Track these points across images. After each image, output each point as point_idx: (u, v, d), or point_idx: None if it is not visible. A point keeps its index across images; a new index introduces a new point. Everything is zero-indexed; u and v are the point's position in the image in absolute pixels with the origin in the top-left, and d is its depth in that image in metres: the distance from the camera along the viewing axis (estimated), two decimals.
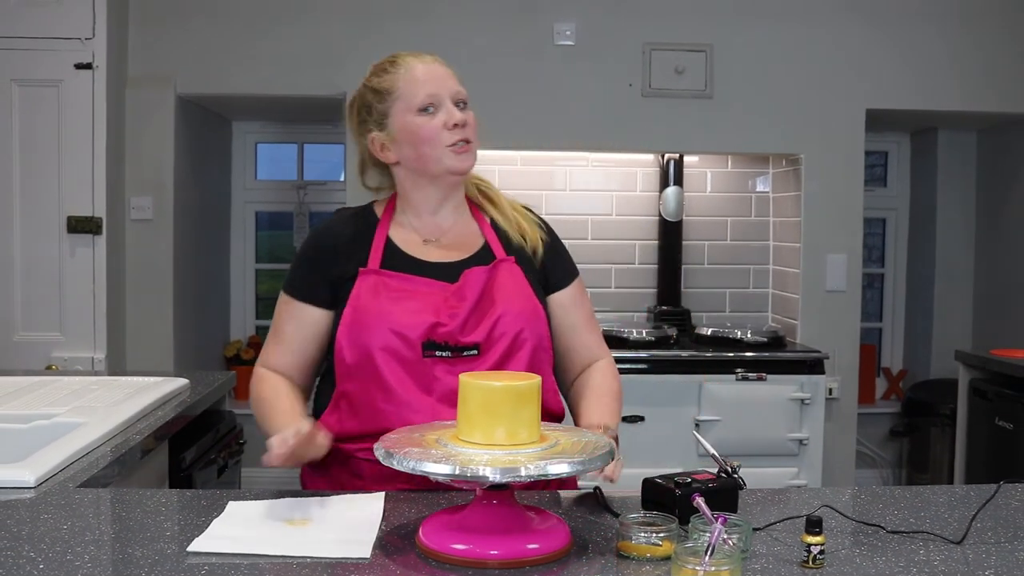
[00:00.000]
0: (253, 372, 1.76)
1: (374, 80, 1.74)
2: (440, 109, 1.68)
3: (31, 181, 3.81)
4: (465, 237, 1.75)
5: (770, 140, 4.20)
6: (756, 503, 1.50)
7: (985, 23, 4.18)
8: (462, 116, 1.68)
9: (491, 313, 1.65)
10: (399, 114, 1.69)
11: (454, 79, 1.72)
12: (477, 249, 1.74)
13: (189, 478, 2.30)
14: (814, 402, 3.87)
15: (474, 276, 1.67)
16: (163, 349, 4.06)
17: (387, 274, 1.68)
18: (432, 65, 1.72)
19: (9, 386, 2.27)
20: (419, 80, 1.69)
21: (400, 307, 1.63)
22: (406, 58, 1.73)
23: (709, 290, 4.50)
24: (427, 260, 1.71)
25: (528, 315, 1.67)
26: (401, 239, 1.73)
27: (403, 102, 1.69)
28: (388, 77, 1.72)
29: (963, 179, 4.78)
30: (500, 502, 1.27)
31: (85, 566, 1.19)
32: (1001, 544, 1.31)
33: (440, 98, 1.68)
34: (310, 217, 4.93)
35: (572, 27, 4.09)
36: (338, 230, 1.76)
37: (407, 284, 1.67)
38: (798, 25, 4.15)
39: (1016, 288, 4.46)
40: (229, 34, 4.04)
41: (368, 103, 1.74)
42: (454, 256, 1.72)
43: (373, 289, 1.66)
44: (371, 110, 1.73)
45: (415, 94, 1.68)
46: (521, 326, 1.66)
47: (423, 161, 1.69)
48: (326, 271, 1.71)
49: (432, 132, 1.67)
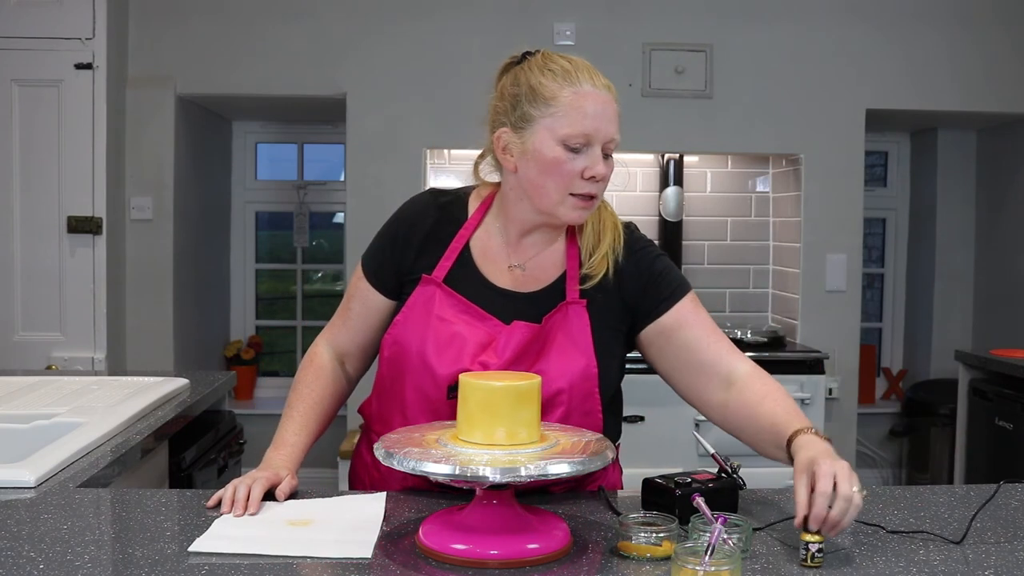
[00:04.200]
0: (313, 344, 1.72)
1: (537, 75, 1.52)
2: (586, 151, 1.49)
3: (31, 181, 3.81)
4: (546, 267, 1.60)
5: (770, 140, 4.20)
6: (756, 503, 1.50)
7: (985, 23, 4.18)
8: (604, 171, 1.50)
9: (530, 368, 1.52)
10: (543, 131, 1.49)
11: (616, 122, 1.52)
12: (551, 281, 1.59)
13: (189, 478, 2.30)
14: (814, 402, 3.87)
15: (520, 332, 1.53)
16: (163, 349, 4.06)
17: (446, 291, 1.57)
18: (605, 100, 1.51)
19: (9, 386, 2.27)
20: (584, 111, 1.48)
21: (443, 337, 1.54)
22: (582, 72, 1.52)
23: (709, 290, 4.50)
24: (496, 285, 1.59)
25: (575, 374, 1.53)
26: (480, 251, 1.61)
27: (554, 121, 1.48)
28: (553, 84, 1.50)
29: (963, 179, 4.78)
30: (500, 502, 1.27)
31: (85, 566, 1.19)
32: (1001, 544, 1.31)
33: (593, 140, 1.49)
34: (310, 217, 4.93)
35: (572, 27, 4.09)
36: (420, 219, 1.63)
37: (463, 311, 1.56)
38: (798, 25, 4.15)
39: (1016, 288, 4.45)
40: (229, 34, 4.05)
41: (517, 96, 1.52)
42: (526, 287, 1.59)
43: (428, 304, 1.57)
44: (517, 105, 1.52)
45: (572, 123, 1.48)
46: (560, 386, 1.52)
47: (539, 193, 1.52)
48: (397, 260, 1.62)
49: (567, 175, 1.49)
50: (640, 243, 1.64)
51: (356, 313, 1.67)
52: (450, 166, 4.33)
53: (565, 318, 1.56)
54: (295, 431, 1.61)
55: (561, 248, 1.62)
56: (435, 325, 1.55)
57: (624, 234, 1.62)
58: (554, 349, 1.55)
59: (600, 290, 1.58)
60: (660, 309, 1.59)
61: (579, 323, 1.56)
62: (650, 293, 1.59)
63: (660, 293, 1.59)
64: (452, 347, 1.54)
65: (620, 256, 1.59)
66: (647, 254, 1.63)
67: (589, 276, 1.57)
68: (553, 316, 1.56)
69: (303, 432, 1.61)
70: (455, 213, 1.64)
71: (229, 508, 1.40)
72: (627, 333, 1.63)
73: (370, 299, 1.66)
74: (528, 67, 1.54)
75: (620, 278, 1.59)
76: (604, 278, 1.58)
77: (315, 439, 1.64)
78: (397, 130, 4.04)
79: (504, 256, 1.61)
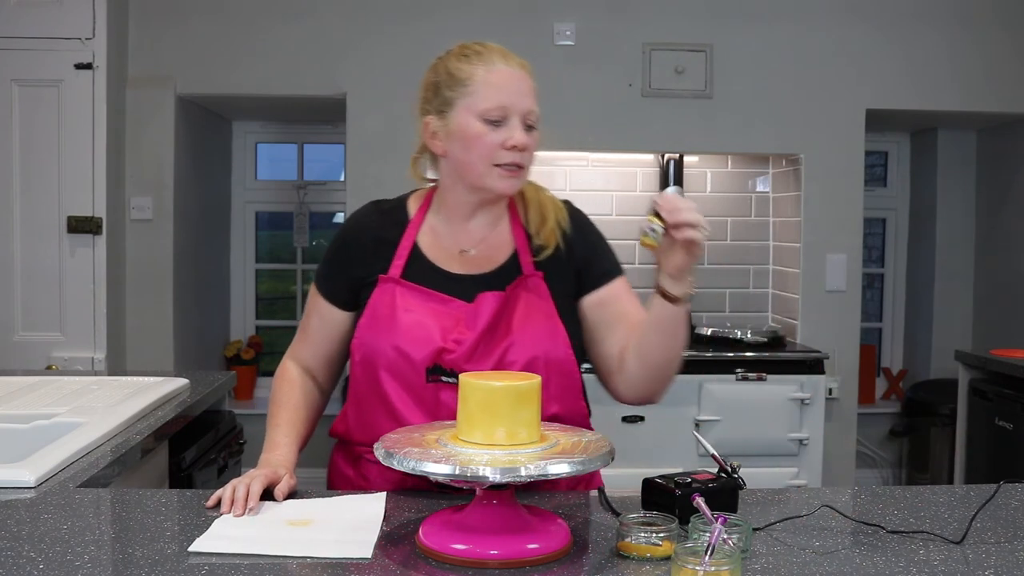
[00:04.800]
0: (281, 362, 1.75)
1: (452, 63, 1.61)
2: (506, 124, 1.57)
3: (31, 181, 3.81)
4: (496, 247, 1.67)
5: (770, 140, 4.20)
6: (756, 503, 1.50)
7: (985, 23, 4.18)
8: (524, 139, 1.57)
9: (502, 341, 1.58)
10: (463, 111, 1.58)
11: (532, 96, 1.60)
12: (504, 260, 1.65)
13: (189, 478, 2.30)
14: (814, 402, 3.87)
15: (487, 302, 1.59)
16: (163, 349, 4.06)
17: (406, 284, 1.62)
18: (519, 76, 1.59)
19: (9, 386, 2.27)
20: (496, 85, 1.57)
21: (411, 325, 1.58)
22: (493, 54, 1.60)
23: (709, 290, 4.50)
24: (451, 271, 1.64)
25: (544, 340, 1.59)
26: (428, 244, 1.66)
27: (471, 100, 1.57)
28: (467, 66, 1.59)
29: (963, 179, 4.78)
30: (500, 502, 1.27)
31: (85, 566, 1.19)
32: (1001, 544, 1.31)
33: (510, 112, 1.57)
34: (310, 217, 4.93)
35: (572, 27, 4.09)
36: (365, 227, 1.69)
37: (425, 299, 1.61)
38: (798, 25, 4.15)
39: (1016, 288, 4.46)
40: (229, 34, 4.05)
41: (437, 83, 1.62)
42: (481, 268, 1.64)
43: (390, 300, 1.61)
44: (438, 92, 1.61)
45: (487, 98, 1.56)
46: (534, 353, 1.58)
47: (468, 169, 1.60)
48: (348, 271, 1.67)
49: (488, 146, 1.57)
50: (582, 216, 1.73)
51: (315, 328, 1.72)
52: None
53: (526, 290, 1.62)
54: (285, 433, 1.63)
55: (507, 228, 1.68)
56: (401, 317, 1.60)
57: (566, 208, 1.71)
58: (522, 319, 1.60)
59: (552, 260, 1.65)
60: (603, 280, 1.67)
61: (540, 293, 1.63)
62: (595, 263, 1.68)
63: (603, 265, 1.69)
64: (422, 332, 1.58)
65: (567, 227, 1.68)
66: (591, 227, 1.73)
67: (542, 248, 1.65)
68: (515, 288, 1.62)
69: (292, 434, 1.64)
70: (398, 216, 1.70)
71: (229, 508, 1.40)
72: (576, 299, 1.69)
73: (326, 314, 1.70)
74: (445, 57, 1.64)
75: (569, 247, 1.67)
76: (556, 249, 1.65)
77: (303, 443, 1.66)
78: (397, 130, 4.03)
79: (453, 244, 1.67)
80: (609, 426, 3.77)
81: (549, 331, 1.60)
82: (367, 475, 1.65)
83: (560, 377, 1.61)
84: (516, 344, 1.58)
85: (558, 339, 1.60)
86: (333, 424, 1.71)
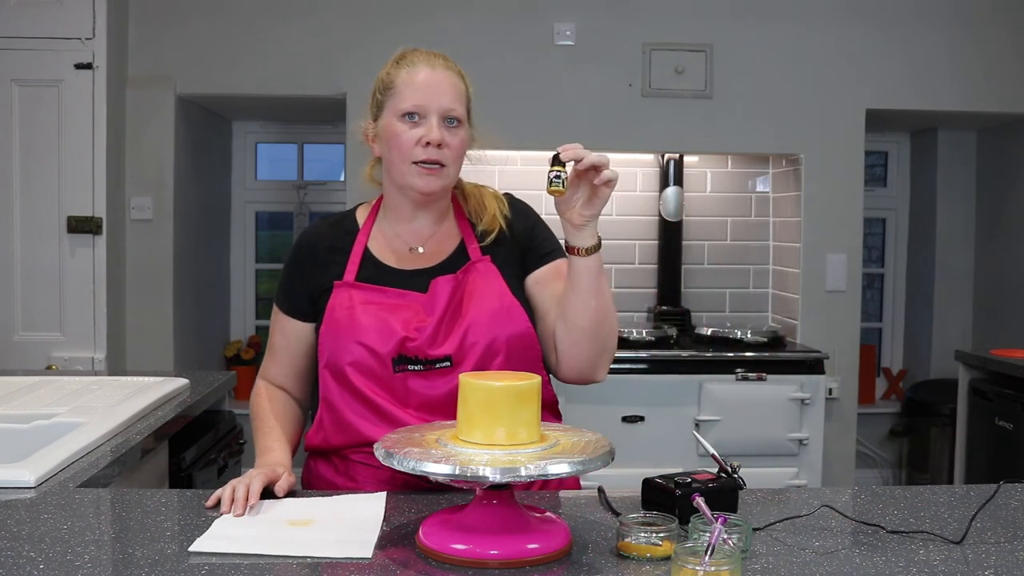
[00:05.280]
0: (254, 384, 1.79)
1: (386, 68, 1.70)
2: (423, 122, 1.63)
3: (31, 181, 3.81)
4: (443, 241, 1.72)
5: (770, 140, 4.20)
6: (756, 503, 1.50)
7: (985, 23, 4.18)
8: (439, 136, 1.62)
9: (460, 323, 1.62)
10: (388, 112, 1.66)
11: (450, 94, 1.65)
12: (452, 251, 1.71)
13: (189, 478, 2.30)
14: (814, 402, 3.87)
15: (441, 286, 1.65)
16: (163, 349, 4.06)
17: (361, 286, 1.66)
18: (435, 73, 1.65)
19: (9, 386, 2.27)
20: (412, 85, 1.64)
21: (371, 321, 1.62)
22: (416, 57, 1.67)
23: (709, 290, 4.50)
24: (403, 269, 1.69)
25: (501, 318, 1.63)
26: (379, 248, 1.72)
27: (394, 101, 1.65)
28: (394, 71, 1.67)
29: (963, 179, 4.78)
30: (500, 502, 1.27)
31: (85, 566, 1.19)
32: (1001, 544, 1.31)
33: (427, 110, 1.63)
34: (310, 217, 4.93)
35: (572, 27, 4.09)
36: (315, 240, 1.75)
37: (381, 296, 1.65)
38: (798, 25, 4.15)
39: (1016, 288, 4.46)
40: (229, 34, 4.05)
41: (374, 90, 1.71)
42: (431, 262, 1.70)
43: (347, 303, 1.65)
44: (374, 97, 1.71)
45: (405, 98, 1.64)
46: (494, 333, 1.62)
47: (392, 167, 1.67)
48: (305, 283, 1.72)
49: (404, 143, 1.63)
50: (521, 203, 1.79)
51: (280, 346, 1.76)
52: None
53: (477, 274, 1.67)
54: (275, 438, 1.66)
55: (452, 223, 1.74)
56: (360, 316, 1.63)
57: (505, 197, 1.78)
58: (477, 300, 1.65)
59: (497, 244, 1.70)
60: (545, 260, 1.72)
61: (490, 276, 1.68)
62: (536, 242, 1.73)
63: (544, 246, 1.73)
64: (383, 326, 1.62)
65: (507, 213, 1.74)
66: (530, 211, 1.78)
67: (487, 232, 1.71)
68: (466, 272, 1.67)
69: (282, 439, 1.67)
70: (347, 226, 1.76)
71: (229, 508, 1.40)
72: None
73: (288, 329, 1.74)
74: (385, 66, 1.72)
75: (512, 229, 1.73)
76: (500, 232, 1.71)
77: (294, 448, 1.69)
78: None
79: (402, 245, 1.72)
80: (609, 426, 3.78)
81: (505, 308, 1.65)
82: (355, 476, 1.65)
83: (523, 351, 1.64)
84: (475, 324, 1.62)
85: (514, 315, 1.65)
86: (307, 437, 1.71)
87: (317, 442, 1.68)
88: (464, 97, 1.68)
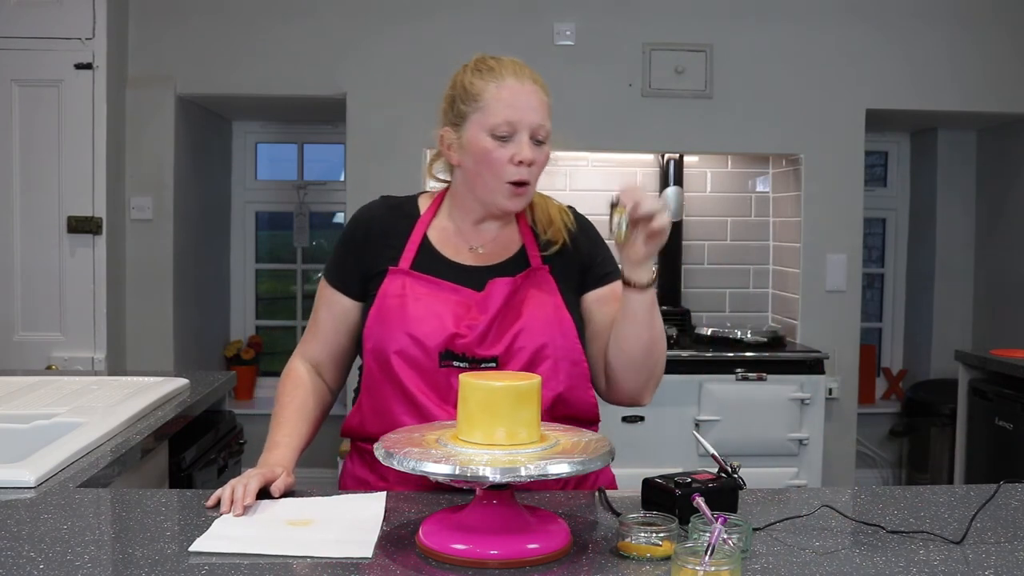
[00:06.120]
0: (288, 361, 1.75)
1: (468, 77, 1.65)
2: (513, 139, 1.61)
3: (31, 181, 3.81)
4: (504, 245, 1.71)
5: (770, 140, 4.20)
6: (756, 503, 1.50)
7: (985, 23, 4.18)
8: (531, 155, 1.61)
9: (513, 326, 1.61)
10: (474, 125, 1.62)
11: (541, 111, 1.64)
12: (512, 254, 1.70)
13: (189, 478, 2.30)
14: (814, 402, 3.88)
15: (498, 287, 1.63)
16: (163, 349, 4.06)
17: (415, 275, 1.65)
18: (526, 87, 1.63)
19: (9, 386, 2.27)
20: (504, 101, 1.60)
21: (422, 312, 1.61)
22: (504, 69, 1.64)
23: (709, 290, 4.50)
24: (460, 263, 1.68)
25: (553, 328, 1.63)
26: (438, 238, 1.70)
27: (482, 115, 1.61)
28: (480, 81, 1.63)
29: (963, 179, 4.78)
30: (500, 502, 1.27)
31: (85, 566, 1.19)
32: (1001, 544, 1.31)
33: (518, 127, 1.61)
34: (310, 217, 4.93)
35: (572, 27, 4.09)
36: (375, 220, 1.72)
37: (434, 288, 1.64)
38: (798, 25, 4.16)
39: (1016, 288, 4.46)
40: (229, 34, 4.05)
41: (453, 97, 1.67)
42: (489, 260, 1.69)
43: (400, 290, 1.63)
44: (453, 105, 1.67)
45: (495, 113, 1.60)
46: (543, 340, 1.61)
47: (478, 183, 1.64)
48: (358, 261, 1.69)
49: (496, 162, 1.61)
50: (585, 219, 1.78)
51: (324, 321, 1.73)
52: None
53: (534, 281, 1.67)
54: (286, 433, 1.63)
55: (514, 228, 1.73)
56: (411, 306, 1.62)
57: (570, 211, 1.77)
58: (531, 308, 1.64)
59: (559, 256, 1.70)
60: (602, 281, 1.72)
61: (547, 285, 1.67)
62: (598, 261, 1.73)
63: (604, 267, 1.74)
64: (434, 318, 1.61)
65: (572, 226, 1.73)
66: (594, 229, 1.78)
67: (550, 243, 1.70)
68: (524, 278, 1.66)
69: (293, 434, 1.64)
70: (407, 210, 1.74)
71: (228, 508, 1.40)
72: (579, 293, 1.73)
73: (336, 305, 1.71)
74: (463, 70, 1.68)
75: (575, 244, 1.72)
76: (563, 245, 1.70)
77: (306, 443, 1.66)
78: (397, 130, 4.04)
79: (462, 241, 1.71)
80: (609, 426, 3.77)
81: (558, 320, 1.64)
82: (386, 476, 1.64)
83: (569, 365, 1.64)
84: (526, 330, 1.61)
85: (565, 328, 1.64)
86: (346, 420, 1.71)
87: (354, 425, 1.69)
88: (549, 110, 1.67)
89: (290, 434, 1.63)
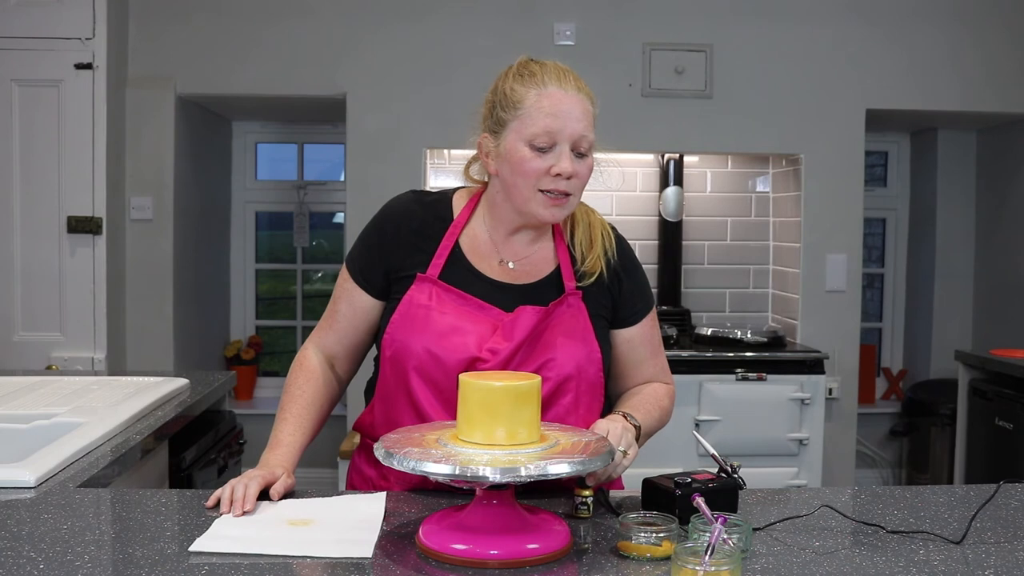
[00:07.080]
0: (301, 349, 1.73)
1: (510, 83, 1.58)
2: (553, 150, 1.53)
3: (31, 181, 3.81)
4: (537, 263, 1.65)
5: (770, 140, 4.20)
6: (756, 503, 1.50)
7: (985, 23, 4.18)
8: (571, 167, 1.53)
9: (540, 355, 1.57)
10: (512, 133, 1.54)
11: (584, 121, 1.55)
12: (546, 275, 1.64)
13: (189, 478, 2.30)
14: (814, 402, 3.87)
15: (527, 315, 1.57)
16: (163, 349, 4.06)
17: (444, 286, 1.59)
18: (569, 96, 1.54)
19: (9, 386, 2.27)
20: (544, 110, 1.53)
21: (446, 328, 1.56)
22: (547, 75, 1.56)
23: (709, 290, 4.50)
24: (491, 278, 1.62)
25: (581, 359, 1.59)
26: (469, 247, 1.64)
27: (521, 123, 1.54)
28: (521, 88, 1.55)
29: (963, 179, 4.78)
30: (500, 502, 1.27)
31: (85, 566, 1.19)
32: (1001, 544, 1.31)
33: (558, 138, 1.53)
34: (310, 217, 4.93)
35: (572, 27, 4.09)
36: (408, 217, 1.65)
37: (462, 303, 1.59)
38: (798, 25, 4.15)
39: (1016, 288, 4.46)
40: (229, 34, 4.05)
41: (494, 103, 1.59)
42: (520, 279, 1.63)
43: (426, 300, 1.58)
44: (493, 111, 1.59)
45: (534, 122, 1.52)
46: (569, 372, 1.58)
47: (514, 192, 1.57)
48: (386, 259, 1.63)
49: (534, 172, 1.53)
50: (627, 248, 1.73)
51: (343, 315, 1.68)
52: (450, 166, 4.33)
53: (566, 308, 1.61)
54: (290, 431, 1.61)
55: (550, 246, 1.67)
56: (436, 319, 1.57)
57: (614, 236, 1.70)
58: (559, 337, 1.59)
59: (594, 284, 1.64)
60: (630, 320, 1.69)
61: (579, 313, 1.62)
62: (628, 301, 1.68)
63: (635, 305, 1.69)
64: (457, 337, 1.56)
65: (613, 257, 1.67)
66: (634, 262, 1.72)
67: (587, 274, 1.64)
68: (556, 306, 1.60)
69: (298, 432, 1.61)
70: (441, 212, 1.67)
71: (228, 508, 1.40)
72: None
73: (357, 300, 1.67)
74: (505, 75, 1.60)
75: (613, 276, 1.66)
76: (599, 272, 1.64)
77: (310, 439, 1.65)
78: (397, 130, 4.04)
79: (494, 253, 1.65)
80: None
81: (586, 352, 1.60)
82: (387, 475, 1.64)
83: (591, 399, 1.62)
84: (553, 361, 1.57)
85: (592, 360, 1.61)
86: (359, 417, 1.70)
87: (365, 424, 1.68)
88: (593, 121, 1.58)
89: (294, 432, 1.61)
